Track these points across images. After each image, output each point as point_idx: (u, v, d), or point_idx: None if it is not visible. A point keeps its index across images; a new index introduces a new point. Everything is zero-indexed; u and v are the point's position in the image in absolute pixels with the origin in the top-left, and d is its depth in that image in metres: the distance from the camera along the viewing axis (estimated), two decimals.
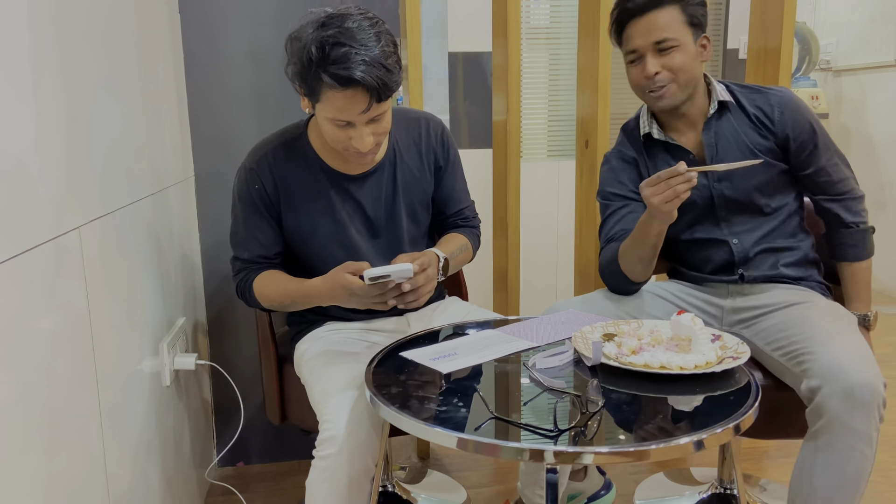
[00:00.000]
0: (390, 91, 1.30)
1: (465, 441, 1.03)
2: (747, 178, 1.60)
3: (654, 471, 2.10)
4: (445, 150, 1.62)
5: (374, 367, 1.30)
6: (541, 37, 3.66)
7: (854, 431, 1.27)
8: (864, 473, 1.30)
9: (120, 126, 1.35)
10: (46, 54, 1.02)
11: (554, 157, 3.76)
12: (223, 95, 1.97)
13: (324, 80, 1.27)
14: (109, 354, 1.23)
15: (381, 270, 1.27)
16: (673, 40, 1.54)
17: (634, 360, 1.23)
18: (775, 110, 1.60)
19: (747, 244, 1.63)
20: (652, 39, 1.54)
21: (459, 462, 2.20)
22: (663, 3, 1.54)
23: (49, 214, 1.00)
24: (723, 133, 1.62)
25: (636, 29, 1.56)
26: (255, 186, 1.49)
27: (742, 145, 1.61)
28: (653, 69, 1.55)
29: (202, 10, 1.92)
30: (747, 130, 1.61)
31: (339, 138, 1.36)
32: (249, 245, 1.52)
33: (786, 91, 1.62)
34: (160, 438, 1.54)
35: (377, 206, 1.54)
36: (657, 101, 1.60)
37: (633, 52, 1.58)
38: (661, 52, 1.55)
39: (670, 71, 1.55)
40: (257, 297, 1.52)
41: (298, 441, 2.21)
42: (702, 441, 1.02)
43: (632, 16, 1.56)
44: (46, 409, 0.97)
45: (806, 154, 1.60)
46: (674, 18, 1.54)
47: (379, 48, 1.27)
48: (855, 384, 1.26)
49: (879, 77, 4.09)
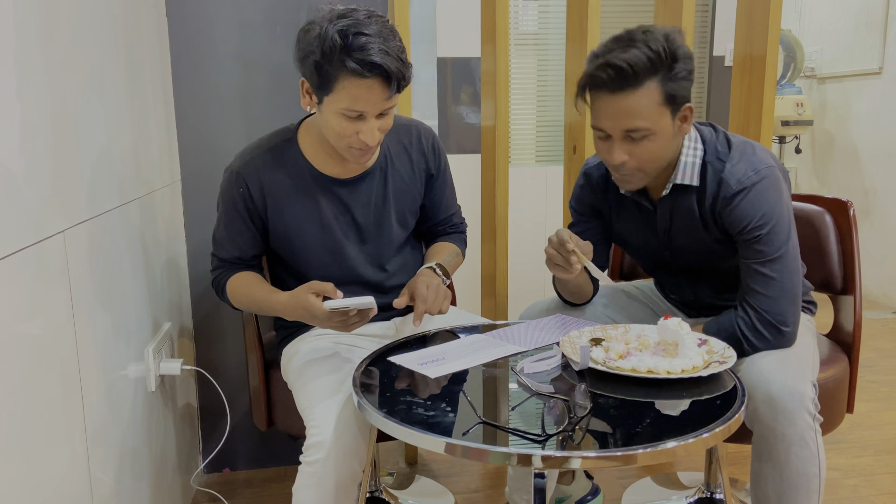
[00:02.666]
0: (406, 83, 1.34)
1: (453, 446, 1.02)
2: (698, 251, 1.51)
3: (641, 475, 2.11)
4: (437, 157, 1.62)
5: (361, 372, 1.29)
6: (529, 42, 3.67)
7: (784, 437, 1.29)
8: (811, 475, 1.30)
9: (106, 129, 1.34)
10: (32, 57, 1.02)
11: (542, 163, 3.77)
12: (210, 99, 1.96)
13: (346, 67, 1.28)
14: (94, 359, 1.22)
15: (342, 303, 1.30)
16: (646, 130, 1.32)
17: (622, 365, 1.24)
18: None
19: (703, 295, 1.62)
20: (622, 127, 1.33)
21: (447, 467, 2.19)
22: (639, 81, 1.29)
23: (33, 218, 0.99)
24: (679, 210, 1.48)
25: (605, 108, 1.34)
26: (239, 190, 1.49)
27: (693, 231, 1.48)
28: (619, 159, 1.36)
29: (189, 14, 1.91)
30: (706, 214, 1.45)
31: (345, 132, 1.36)
32: (227, 246, 1.54)
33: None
34: (145, 444, 1.52)
35: (366, 211, 1.54)
36: (619, 184, 1.45)
37: (599, 129, 1.37)
38: (632, 140, 1.34)
39: (638, 161, 1.36)
40: (228, 296, 1.55)
41: (285, 447, 2.20)
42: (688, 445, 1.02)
43: (600, 88, 1.33)
44: (30, 415, 0.96)
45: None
46: (650, 101, 1.31)
47: (394, 42, 1.31)
48: (775, 392, 1.28)
49: (863, 84, 4.13)
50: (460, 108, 3.57)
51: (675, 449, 1.01)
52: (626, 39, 1.32)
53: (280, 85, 1.99)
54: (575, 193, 1.66)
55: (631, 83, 1.29)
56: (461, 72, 3.52)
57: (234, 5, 1.93)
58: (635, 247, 1.63)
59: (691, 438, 1.03)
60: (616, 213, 1.60)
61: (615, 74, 1.29)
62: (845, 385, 1.64)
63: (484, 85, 2.39)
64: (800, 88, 4.22)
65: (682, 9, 2.02)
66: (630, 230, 1.59)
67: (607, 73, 1.30)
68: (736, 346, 1.39)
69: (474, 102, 3.56)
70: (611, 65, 1.29)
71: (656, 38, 1.30)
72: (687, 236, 1.50)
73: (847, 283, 1.73)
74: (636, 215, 1.56)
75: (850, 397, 1.67)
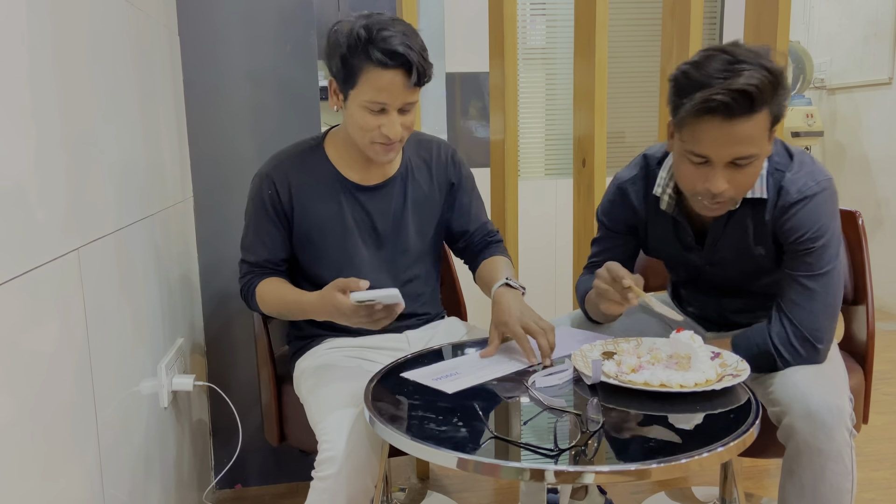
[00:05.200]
0: (426, 77, 1.41)
1: (465, 461, 1.02)
2: (742, 269, 1.48)
3: (655, 490, 2.09)
4: (457, 168, 1.66)
5: (373, 387, 1.29)
6: (537, 57, 3.69)
7: (822, 452, 1.27)
8: (844, 490, 1.29)
9: (120, 147, 1.36)
10: (47, 76, 1.03)
11: (551, 176, 3.77)
12: (222, 116, 1.98)
13: (371, 57, 1.35)
14: (107, 376, 1.22)
15: (368, 295, 1.30)
16: (753, 157, 1.26)
17: (634, 379, 1.23)
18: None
19: (728, 311, 1.60)
20: (732, 154, 1.25)
21: (459, 483, 2.18)
22: (755, 108, 1.21)
23: (49, 236, 1.00)
24: (733, 222, 1.43)
25: (716, 135, 1.24)
26: (268, 192, 1.54)
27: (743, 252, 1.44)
28: (721, 187, 1.28)
29: (201, 32, 1.93)
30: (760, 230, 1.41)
31: (368, 126, 1.41)
32: (256, 249, 1.56)
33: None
34: (158, 460, 1.53)
35: (385, 218, 1.57)
36: (707, 211, 1.36)
37: (700, 156, 1.27)
38: (736, 167, 1.27)
39: (737, 188, 1.30)
40: (258, 301, 1.55)
41: (297, 463, 2.19)
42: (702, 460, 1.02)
43: (715, 114, 1.22)
44: (44, 431, 0.96)
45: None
46: (761, 126, 1.24)
47: (417, 39, 1.40)
48: (815, 407, 1.27)
49: (873, 95, 4.12)
50: (469, 122, 3.59)
51: (689, 463, 1.00)
52: (735, 61, 1.22)
53: (290, 102, 2.00)
54: (605, 208, 1.61)
55: (750, 110, 1.21)
56: (470, 86, 3.54)
57: (245, 24, 1.95)
58: (671, 258, 1.60)
59: (705, 453, 1.02)
60: (653, 225, 1.55)
61: (741, 99, 1.20)
62: (860, 397, 1.63)
63: (493, 99, 2.40)
64: (809, 99, 4.21)
65: (690, 22, 2.02)
66: (668, 243, 1.55)
67: (732, 98, 1.19)
68: (765, 360, 1.38)
69: (483, 117, 3.57)
70: (738, 90, 1.19)
71: (766, 56, 1.23)
72: (734, 249, 1.46)
73: (859, 294, 1.72)
74: (674, 229, 1.52)
75: (864, 409, 1.66)
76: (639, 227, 1.59)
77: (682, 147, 1.30)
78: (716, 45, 1.28)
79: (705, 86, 1.22)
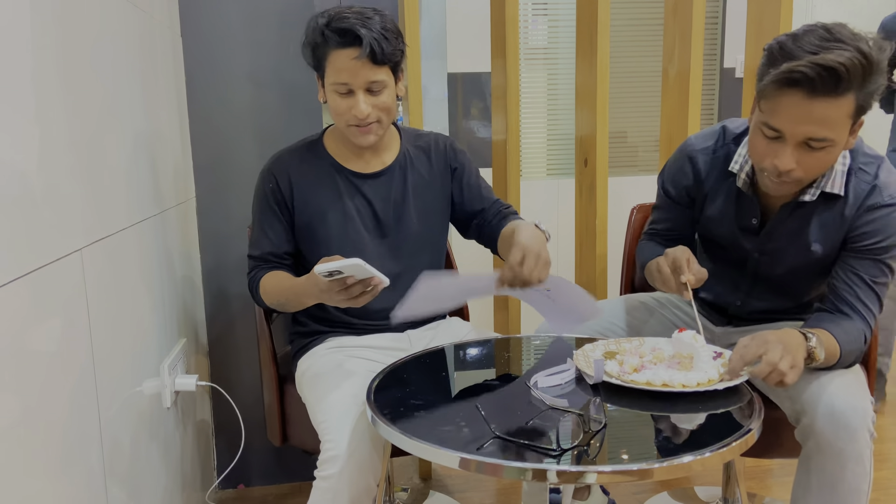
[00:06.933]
0: (384, 54, 1.40)
1: (468, 461, 1.02)
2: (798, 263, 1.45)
3: (657, 490, 2.09)
4: (455, 154, 1.66)
5: (375, 387, 1.29)
6: (539, 57, 3.69)
7: (842, 452, 1.26)
8: (861, 492, 1.29)
9: (123, 148, 1.36)
10: (51, 77, 1.03)
11: (553, 176, 3.77)
12: (224, 117, 1.98)
13: (327, 39, 1.40)
14: (110, 376, 1.23)
15: (329, 266, 1.24)
16: (828, 141, 1.23)
17: (636, 378, 1.23)
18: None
19: (754, 305, 1.57)
20: (806, 133, 1.22)
21: (462, 483, 2.18)
22: (840, 89, 1.18)
23: (51, 237, 1.01)
24: (802, 212, 1.40)
25: (794, 110, 1.21)
26: (269, 185, 1.56)
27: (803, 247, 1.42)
28: (788, 165, 1.26)
29: (203, 34, 1.94)
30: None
31: (340, 109, 1.45)
32: (261, 243, 1.57)
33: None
34: (160, 461, 1.53)
35: (386, 206, 1.58)
36: (772, 188, 1.35)
37: (774, 129, 1.25)
38: (808, 148, 1.25)
39: (805, 171, 1.28)
40: (262, 294, 1.55)
41: (299, 462, 2.19)
42: (705, 459, 1.02)
43: (798, 87, 1.19)
44: (47, 431, 0.96)
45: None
46: (843, 112, 1.21)
47: (378, 20, 1.41)
48: (840, 407, 1.26)
49: None
50: (471, 122, 3.59)
51: (691, 463, 1.01)
52: (832, 38, 1.19)
53: (292, 103, 2.01)
54: (670, 175, 1.57)
55: (835, 90, 1.18)
56: (472, 87, 3.54)
57: (247, 25, 1.95)
58: (721, 237, 1.54)
59: (708, 453, 1.02)
60: (713, 200, 1.51)
61: (827, 76, 1.17)
62: None
63: (494, 99, 2.41)
64: None
65: (692, 21, 2.02)
66: (725, 221, 1.51)
67: (817, 74, 1.16)
68: (854, 357, 1.37)
69: (485, 117, 3.57)
70: (824, 66, 1.16)
71: (865, 40, 1.19)
72: (791, 241, 1.43)
73: None
74: (737, 208, 1.48)
75: None
76: (697, 199, 1.55)
77: (759, 118, 1.28)
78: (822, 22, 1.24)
79: (795, 58, 1.19)
